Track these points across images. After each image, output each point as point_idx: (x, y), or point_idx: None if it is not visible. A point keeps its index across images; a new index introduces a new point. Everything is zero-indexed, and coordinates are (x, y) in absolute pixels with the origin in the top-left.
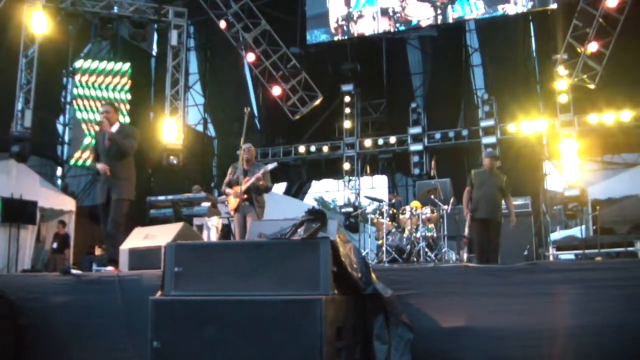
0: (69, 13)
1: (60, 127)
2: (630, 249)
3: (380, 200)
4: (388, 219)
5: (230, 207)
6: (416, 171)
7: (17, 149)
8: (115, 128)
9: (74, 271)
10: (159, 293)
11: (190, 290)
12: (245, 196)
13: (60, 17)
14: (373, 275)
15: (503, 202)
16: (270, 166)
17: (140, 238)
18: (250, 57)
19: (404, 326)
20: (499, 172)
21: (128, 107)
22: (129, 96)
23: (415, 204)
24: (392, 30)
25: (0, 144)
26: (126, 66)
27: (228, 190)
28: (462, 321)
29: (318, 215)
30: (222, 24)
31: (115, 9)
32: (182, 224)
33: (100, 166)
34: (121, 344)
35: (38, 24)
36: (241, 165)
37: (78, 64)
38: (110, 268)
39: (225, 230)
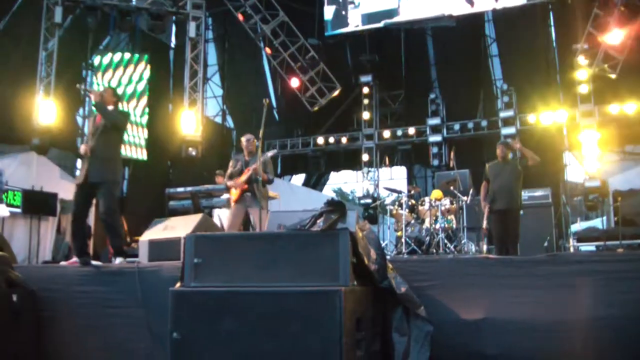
0: (88, 6)
1: (80, 120)
2: None
3: (399, 192)
4: (407, 210)
5: (233, 198)
6: (435, 162)
7: (37, 142)
8: (108, 108)
9: (94, 262)
10: (178, 284)
11: (209, 282)
12: (246, 186)
13: (79, 10)
14: (390, 268)
15: (523, 192)
16: (269, 153)
17: (160, 229)
18: (268, 49)
19: (422, 319)
20: (513, 160)
21: (147, 99)
22: (147, 88)
23: (436, 193)
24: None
25: (20, 136)
26: (144, 58)
27: (230, 182)
28: (482, 313)
29: (337, 207)
30: (240, 16)
31: (134, 1)
32: (201, 215)
33: (82, 147)
34: (141, 335)
35: (57, 17)
36: (244, 157)
37: (97, 60)
38: (119, 260)
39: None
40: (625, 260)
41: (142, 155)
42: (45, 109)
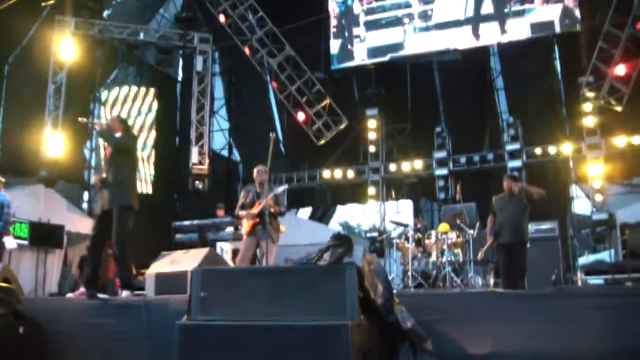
0: (97, 40)
1: (87, 152)
2: None
3: (405, 225)
4: (414, 244)
5: (245, 230)
6: (442, 196)
7: (45, 174)
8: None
9: (100, 295)
10: (185, 318)
11: (216, 315)
12: (258, 220)
13: (88, 44)
14: (396, 304)
15: (530, 225)
16: (280, 189)
17: (167, 263)
18: (275, 83)
19: (430, 354)
20: (519, 194)
21: (154, 132)
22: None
23: (444, 227)
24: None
25: (28, 169)
26: (152, 92)
27: (242, 213)
28: (490, 347)
29: (344, 241)
30: (247, 50)
31: (142, 36)
32: (208, 249)
33: (94, 178)
34: None
35: (67, 51)
36: (256, 188)
37: (104, 95)
38: (126, 293)
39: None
40: (635, 294)
41: (147, 189)
42: (53, 142)
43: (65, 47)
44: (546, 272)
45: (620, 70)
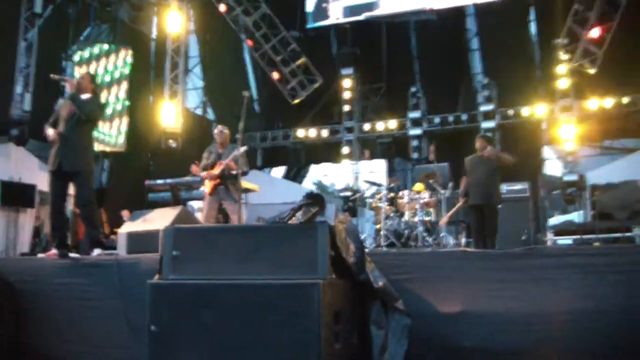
0: None
1: None
2: (628, 234)
3: (379, 185)
4: (387, 203)
5: (207, 190)
6: (415, 155)
7: (16, 133)
8: (84, 96)
9: (72, 254)
10: (156, 277)
11: (188, 274)
12: (219, 181)
13: (60, 0)
14: (368, 262)
15: (501, 185)
16: (240, 150)
17: (139, 222)
18: (250, 41)
19: (400, 312)
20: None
21: (127, 89)
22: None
23: (418, 187)
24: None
25: None
26: (125, 50)
27: (203, 173)
28: (460, 306)
29: (316, 200)
30: (222, 8)
31: None
32: (180, 207)
33: (51, 132)
34: (119, 328)
35: (38, 6)
36: (217, 149)
37: (77, 55)
38: (97, 252)
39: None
40: (601, 254)
41: (121, 147)
42: (24, 100)
43: (36, 3)
44: (517, 232)
45: (595, 32)
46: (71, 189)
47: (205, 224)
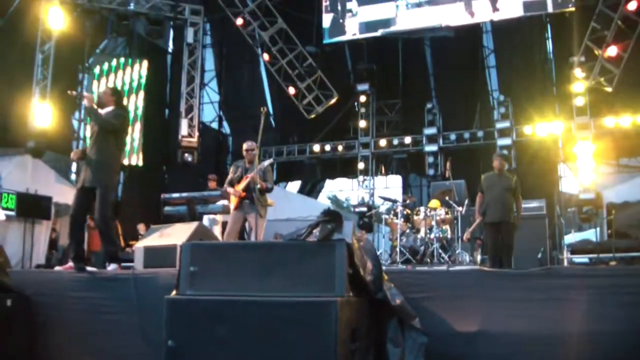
0: (86, 9)
1: (75, 123)
2: None
3: (394, 201)
4: (402, 219)
5: (232, 205)
6: (431, 172)
7: (32, 145)
8: (105, 110)
9: (89, 268)
10: (174, 292)
11: (205, 290)
12: (244, 194)
13: (77, 13)
14: (385, 279)
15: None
16: (266, 162)
17: (156, 236)
18: (266, 55)
19: (417, 331)
20: (508, 174)
21: (143, 104)
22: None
23: (434, 203)
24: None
25: (16, 139)
26: (141, 63)
27: (229, 189)
28: (476, 326)
29: (334, 217)
30: (239, 22)
31: (132, 6)
32: (197, 223)
33: (72, 153)
34: (135, 342)
35: (55, 19)
36: (245, 164)
37: (96, 70)
38: (112, 267)
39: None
40: (620, 275)
41: (138, 160)
42: (41, 112)
43: (53, 16)
44: (533, 250)
45: (612, 51)
46: None
47: (225, 241)
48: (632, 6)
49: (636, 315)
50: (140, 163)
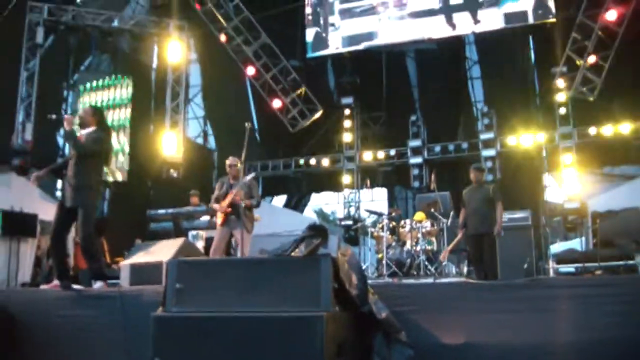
0: (70, 26)
1: (60, 140)
2: (630, 262)
3: (380, 214)
4: (388, 232)
5: (219, 221)
6: (416, 184)
7: (17, 162)
8: (86, 131)
9: (75, 286)
10: (160, 309)
11: (191, 307)
12: (230, 210)
13: (61, 31)
14: (370, 293)
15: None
16: (247, 177)
17: (142, 253)
18: (250, 70)
19: (403, 344)
20: (487, 184)
21: (128, 121)
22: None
23: (419, 215)
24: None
25: (0, 156)
26: (127, 80)
27: (215, 206)
28: (463, 338)
29: (319, 231)
30: (223, 38)
31: (116, 22)
32: (182, 239)
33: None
34: None
35: (39, 37)
36: (229, 180)
37: (79, 87)
38: (99, 284)
39: (209, 244)
40: (605, 284)
41: (122, 176)
42: (25, 129)
43: (38, 33)
44: (519, 260)
45: (592, 59)
46: None
47: (211, 257)
48: (611, 16)
49: (622, 324)
50: (126, 179)
